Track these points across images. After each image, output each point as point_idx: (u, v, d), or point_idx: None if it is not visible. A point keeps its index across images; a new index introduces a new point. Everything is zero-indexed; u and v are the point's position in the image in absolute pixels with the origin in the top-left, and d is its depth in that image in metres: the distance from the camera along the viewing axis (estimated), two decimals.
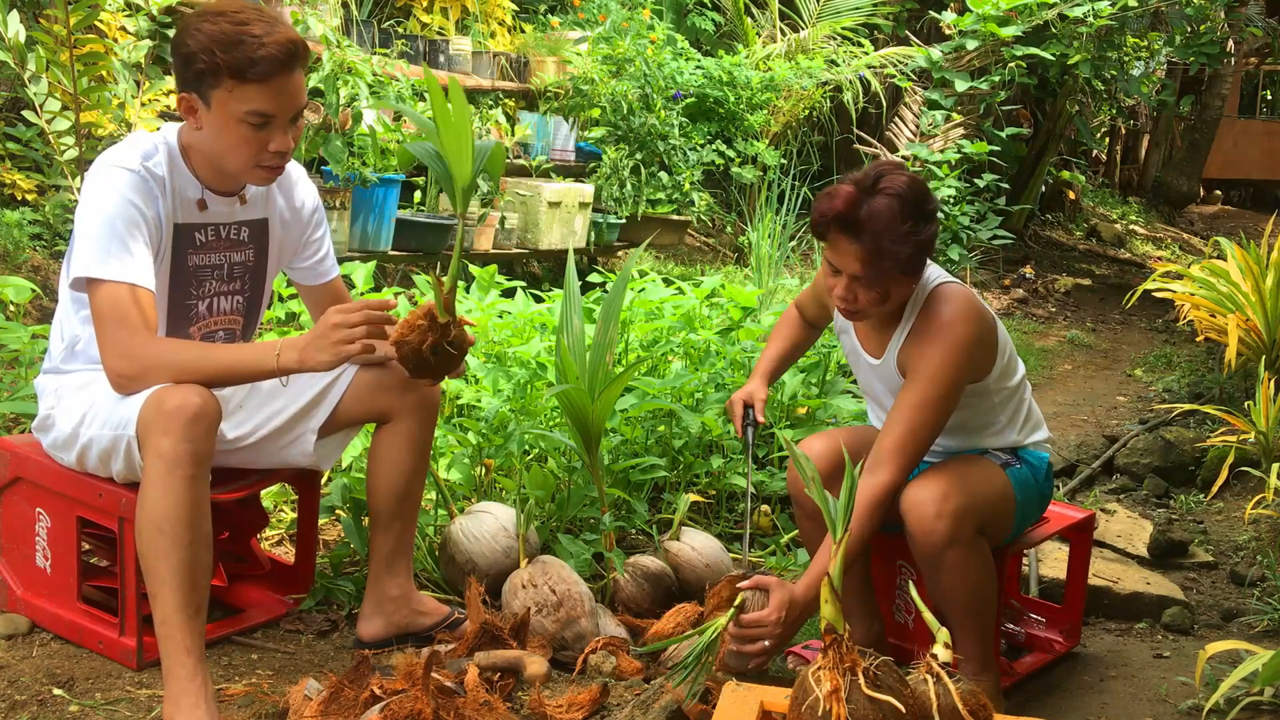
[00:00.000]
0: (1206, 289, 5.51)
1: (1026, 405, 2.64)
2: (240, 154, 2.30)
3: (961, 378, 2.43)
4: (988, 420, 2.58)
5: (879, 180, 2.32)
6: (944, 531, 2.33)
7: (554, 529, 3.16)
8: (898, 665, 1.87)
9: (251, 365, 2.26)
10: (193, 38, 2.23)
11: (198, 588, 2.18)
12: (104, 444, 2.28)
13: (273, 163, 2.33)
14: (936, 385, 2.38)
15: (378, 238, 5.43)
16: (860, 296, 2.37)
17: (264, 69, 2.21)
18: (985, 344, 2.47)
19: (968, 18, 8.79)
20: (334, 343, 2.21)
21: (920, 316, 2.45)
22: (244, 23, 2.23)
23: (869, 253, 2.30)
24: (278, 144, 2.29)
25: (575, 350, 2.98)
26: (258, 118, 2.25)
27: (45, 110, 4.57)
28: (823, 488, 2.06)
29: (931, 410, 2.38)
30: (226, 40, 2.20)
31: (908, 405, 2.39)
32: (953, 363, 2.39)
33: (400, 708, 2.06)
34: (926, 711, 1.82)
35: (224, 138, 2.29)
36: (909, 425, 2.37)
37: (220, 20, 2.23)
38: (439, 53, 6.64)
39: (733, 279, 6.55)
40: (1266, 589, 3.40)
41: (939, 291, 2.46)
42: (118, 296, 2.20)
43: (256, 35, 2.21)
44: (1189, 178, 14.17)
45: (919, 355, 2.41)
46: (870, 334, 2.57)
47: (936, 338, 2.40)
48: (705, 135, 7.93)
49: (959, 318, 2.41)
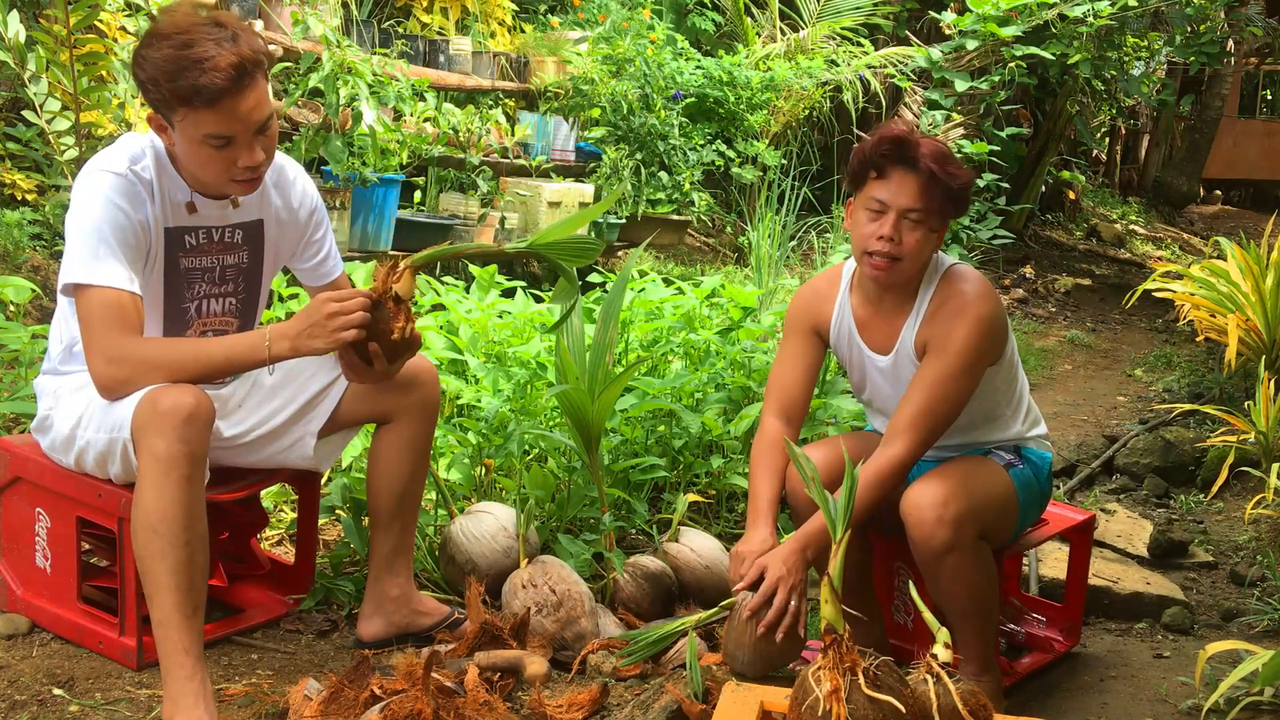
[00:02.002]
0: (1206, 289, 5.51)
1: (1028, 399, 2.65)
2: (211, 171, 2.29)
3: (985, 355, 2.43)
4: (993, 410, 2.57)
5: (913, 132, 2.42)
6: (945, 537, 2.32)
7: (554, 529, 3.15)
8: (898, 665, 1.87)
9: (242, 356, 2.25)
10: (141, 67, 2.20)
11: (195, 588, 2.17)
12: (100, 447, 2.28)
13: (246, 176, 2.31)
14: (960, 360, 2.38)
15: (378, 238, 5.43)
16: (906, 236, 2.38)
17: (209, 95, 2.17)
18: (1003, 325, 2.48)
19: (968, 18, 8.79)
20: (331, 330, 2.22)
21: (937, 295, 2.46)
22: (189, 45, 2.17)
23: (927, 180, 2.35)
24: (245, 160, 2.27)
25: (575, 350, 2.98)
26: (217, 140, 2.23)
27: (45, 110, 4.57)
28: (823, 488, 2.07)
29: (953, 385, 2.38)
30: (170, 69, 2.16)
31: (929, 380, 2.38)
32: (978, 338, 2.39)
33: (400, 708, 2.06)
34: (926, 711, 1.82)
35: (193, 157, 2.28)
36: (928, 399, 2.37)
37: (165, 45, 2.18)
38: (439, 53, 6.64)
39: (733, 279, 6.55)
40: (1266, 589, 3.40)
41: (954, 271, 2.48)
42: (103, 301, 2.20)
43: (200, 60, 2.15)
44: (1189, 178, 14.17)
45: (942, 332, 2.41)
46: (879, 326, 2.54)
47: (961, 313, 2.40)
48: (705, 135, 7.93)
49: (982, 295, 2.43)
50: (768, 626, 2.28)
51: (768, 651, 2.32)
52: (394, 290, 2.28)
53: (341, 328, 2.22)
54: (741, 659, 2.34)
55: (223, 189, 2.36)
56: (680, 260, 7.54)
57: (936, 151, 2.38)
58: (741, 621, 2.33)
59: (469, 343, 3.81)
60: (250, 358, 2.25)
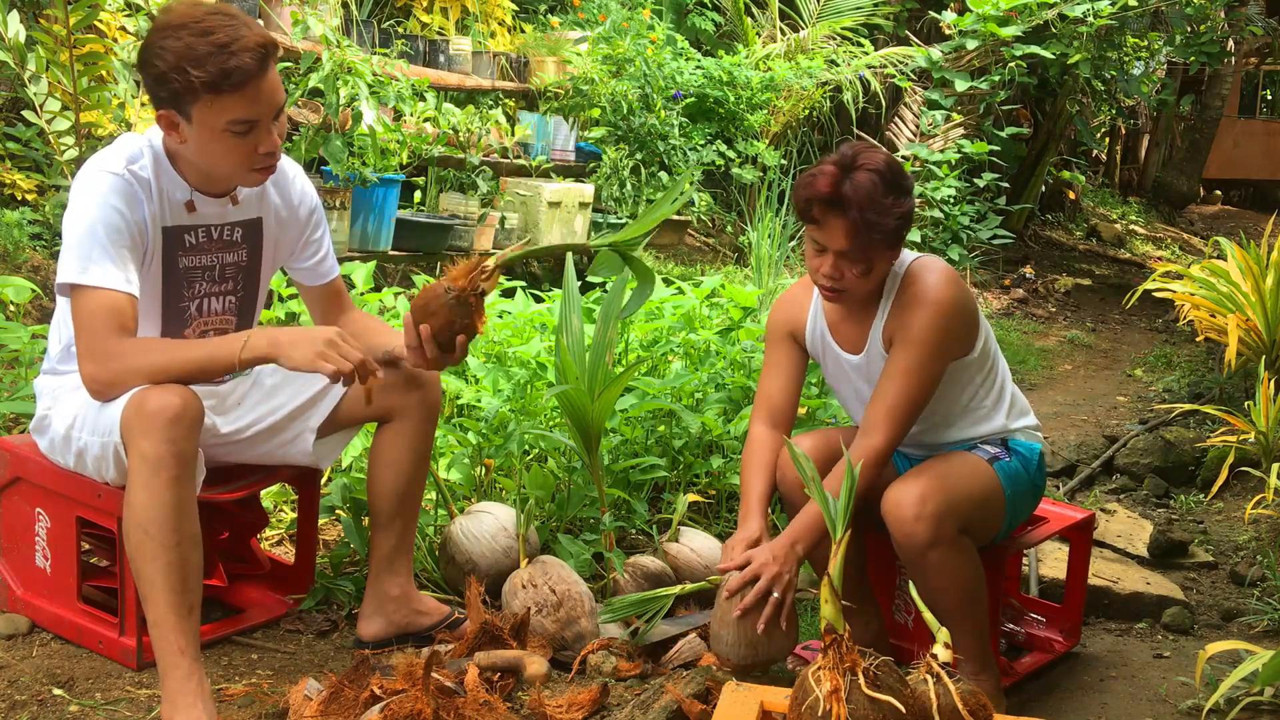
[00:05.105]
0: (1206, 289, 5.50)
1: (1010, 390, 2.65)
2: (230, 161, 2.29)
3: (949, 342, 2.45)
4: (973, 404, 2.58)
5: (857, 158, 2.38)
6: (924, 534, 2.34)
7: (554, 529, 3.16)
8: (898, 665, 1.87)
9: (219, 356, 2.24)
10: (160, 58, 2.19)
11: (188, 588, 2.17)
12: (95, 451, 2.28)
13: (264, 164, 2.31)
14: (924, 347, 2.41)
15: (378, 238, 5.43)
16: (847, 272, 2.41)
17: (239, 78, 2.17)
18: (968, 311, 2.49)
19: (968, 18, 8.80)
20: (318, 353, 2.21)
21: (900, 290, 2.48)
22: (208, 32, 2.17)
23: (856, 226, 2.34)
24: (265, 145, 2.28)
25: (575, 350, 2.98)
26: (242, 125, 2.23)
27: (45, 110, 4.57)
28: (823, 488, 2.07)
29: (920, 373, 2.41)
30: (195, 56, 2.16)
31: (896, 371, 2.42)
32: (940, 325, 2.42)
33: (400, 708, 2.06)
34: (926, 711, 1.82)
35: (211, 148, 2.26)
36: (898, 389, 2.41)
37: (183, 34, 2.17)
38: (439, 53, 6.64)
39: (733, 279, 6.55)
40: (1266, 589, 3.40)
41: (917, 264, 2.50)
42: (96, 303, 2.20)
43: (226, 44, 2.16)
44: (1189, 178, 14.17)
45: (904, 323, 2.44)
46: (849, 328, 2.57)
47: (920, 302, 2.43)
48: (705, 135, 7.93)
49: (942, 283, 2.45)
50: (745, 609, 2.31)
51: (751, 639, 2.33)
52: (481, 288, 2.31)
53: (329, 360, 2.20)
54: (725, 640, 2.36)
55: (236, 180, 2.36)
56: (680, 260, 7.55)
57: (865, 193, 2.33)
58: (724, 602, 2.36)
59: None
60: (226, 357, 2.23)
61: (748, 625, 2.33)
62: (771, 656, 2.37)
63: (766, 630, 2.32)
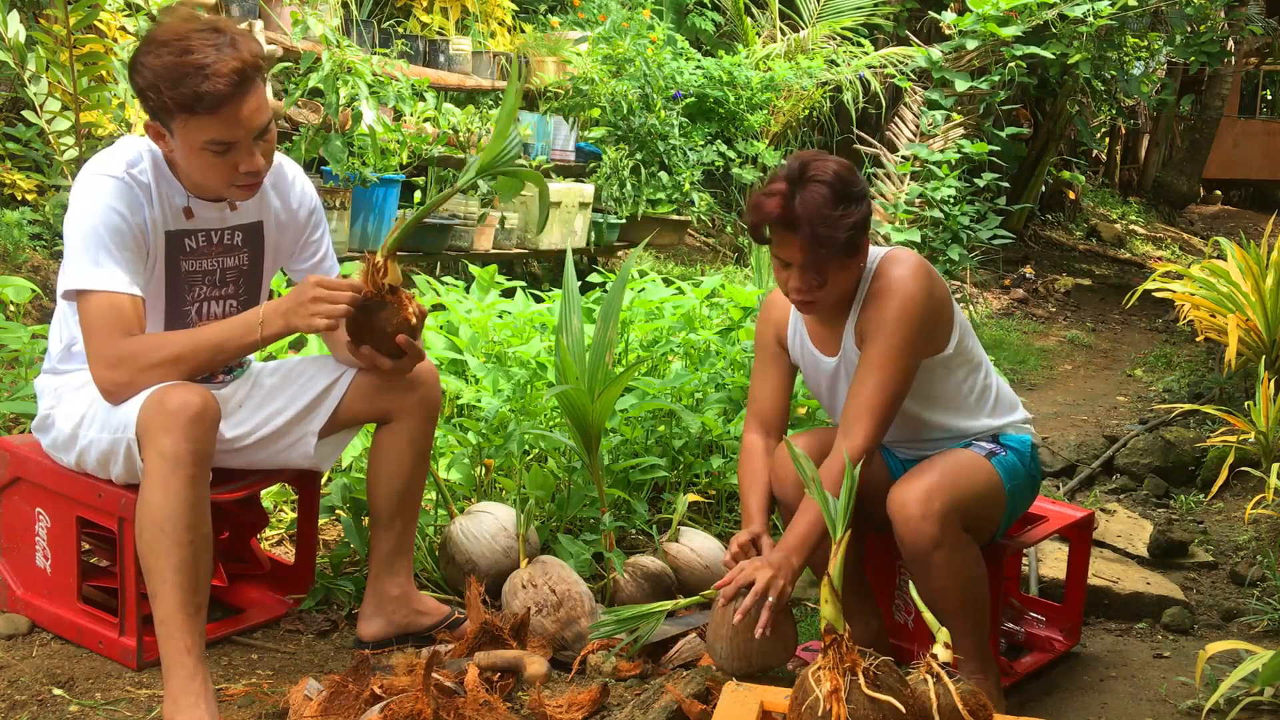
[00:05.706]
0: (1206, 289, 5.50)
1: (995, 386, 2.64)
2: (213, 177, 2.29)
3: (920, 332, 2.43)
4: (958, 402, 2.57)
5: (805, 170, 2.37)
6: (931, 532, 2.33)
7: (554, 529, 3.16)
8: (898, 665, 1.87)
9: (236, 338, 2.27)
10: (139, 74, 2.20)
11: (198, 587, 2.18)
12: (103, 446, 2.28)
13: (246, 182, 2.31)
14: (894, 340, 2.40)
15: (378, 238, 5.43)
16: (810, 283, 2.41)
17: (211, 102, 2.16)
18: (939, 301, 2.47)
19: (968, 18, 8.79)
20: (311, 315, 2.25)
21: (871, 287, 2.48)
22: (188, 51, 2.16)
23: (808, 241, 2.34)
24: (246, 165, 2.27)
25: (575, 350, 2.98)
26: (219, 146, 2.23)
27: (45, 110, 4.57)
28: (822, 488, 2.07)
29: (892, 367, 2.40)
30: (171, 76, 2.15)
31: (871, 365, 2.41)
32: (908, 316, 2.41)
33: (400, 708, 2.06)
34: (926, 711, 1.82)
35: (193, 163, 2.27)
36: (872, 384, 2.40)
37: (164, 52, 2.17)
38: (439, 53, 6.65)
39: (733, 279, 6.55)
40: (1266, 589, 3.40)
41: (887, 258, 2.49)
42: (103, 306, 2.20)
43: (202, 66, 2.15)
44: (1189, 178, 14.17)
45: (874, 317, 2.43)
46: (825, 331, 2.57)
47: (888, 296, 2.42)
48: (705, 135, 7.94)
49: (907, 274, 2.44)
50: (744, 613, 2.30)
51: (745, 648, 2.32)
52: (386, 284, 2.32)
53: (322, 314, 2.24)
54: (720, 650, 2.35)
55: (223, 194, 2.36)
56: (680, 260, 7.55)
57: (815, 209, 2.33)
58: (718, 612, 2.35)
59: (469, 343, 3.82)
60: (245, 339, 2.27)
61: (741, 636, 2.32)
62: (769, 663, 2.37)
63: (762, 638, 2.30)
